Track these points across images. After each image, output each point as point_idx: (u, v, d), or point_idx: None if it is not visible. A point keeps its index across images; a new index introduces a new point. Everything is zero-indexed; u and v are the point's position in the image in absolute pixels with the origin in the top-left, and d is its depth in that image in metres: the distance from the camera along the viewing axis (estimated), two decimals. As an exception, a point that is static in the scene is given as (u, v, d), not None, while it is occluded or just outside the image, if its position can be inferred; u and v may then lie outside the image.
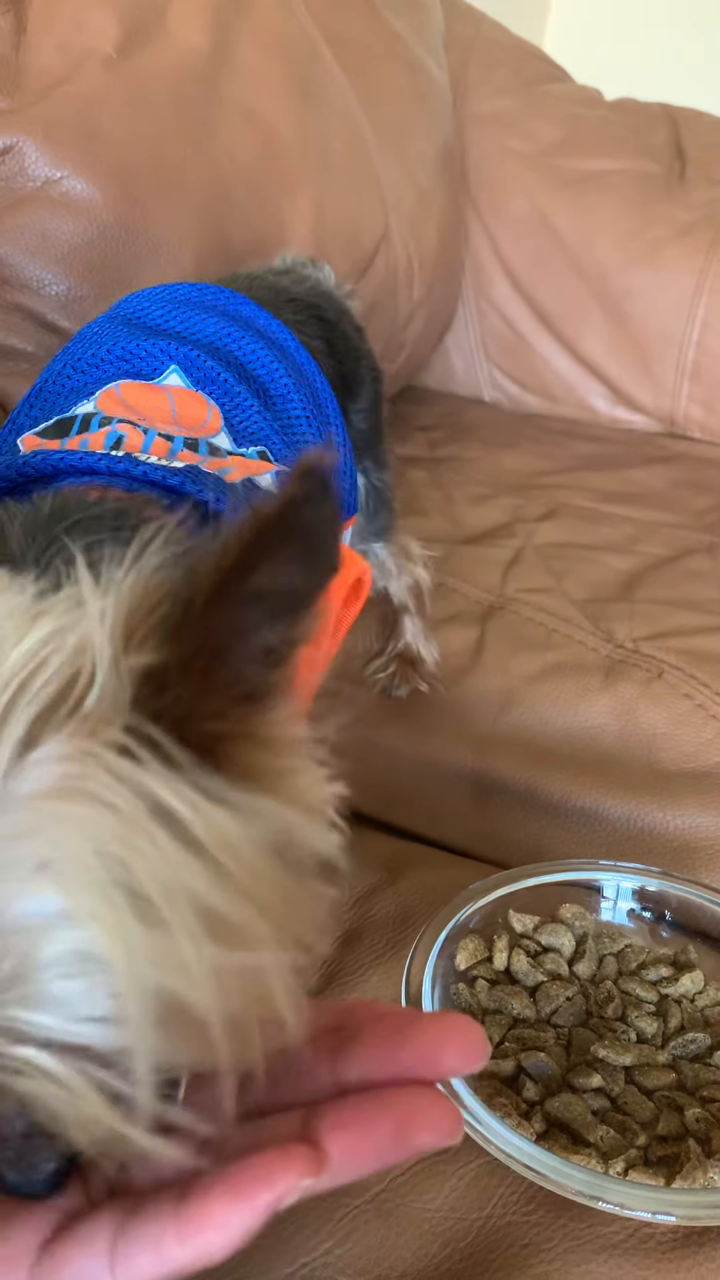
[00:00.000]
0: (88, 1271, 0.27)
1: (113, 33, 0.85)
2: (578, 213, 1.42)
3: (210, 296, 0.60)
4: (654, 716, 0.77)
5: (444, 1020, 0.29)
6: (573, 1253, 0.42)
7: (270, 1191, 0.25)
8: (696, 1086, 0.50)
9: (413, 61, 1.35)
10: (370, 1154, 0.27)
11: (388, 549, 0.82)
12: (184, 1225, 0.26)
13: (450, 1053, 0.28)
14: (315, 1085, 0.30)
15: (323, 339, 0.68)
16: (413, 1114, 0.27)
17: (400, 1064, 0.29)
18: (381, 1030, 0.30)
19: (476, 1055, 0.29)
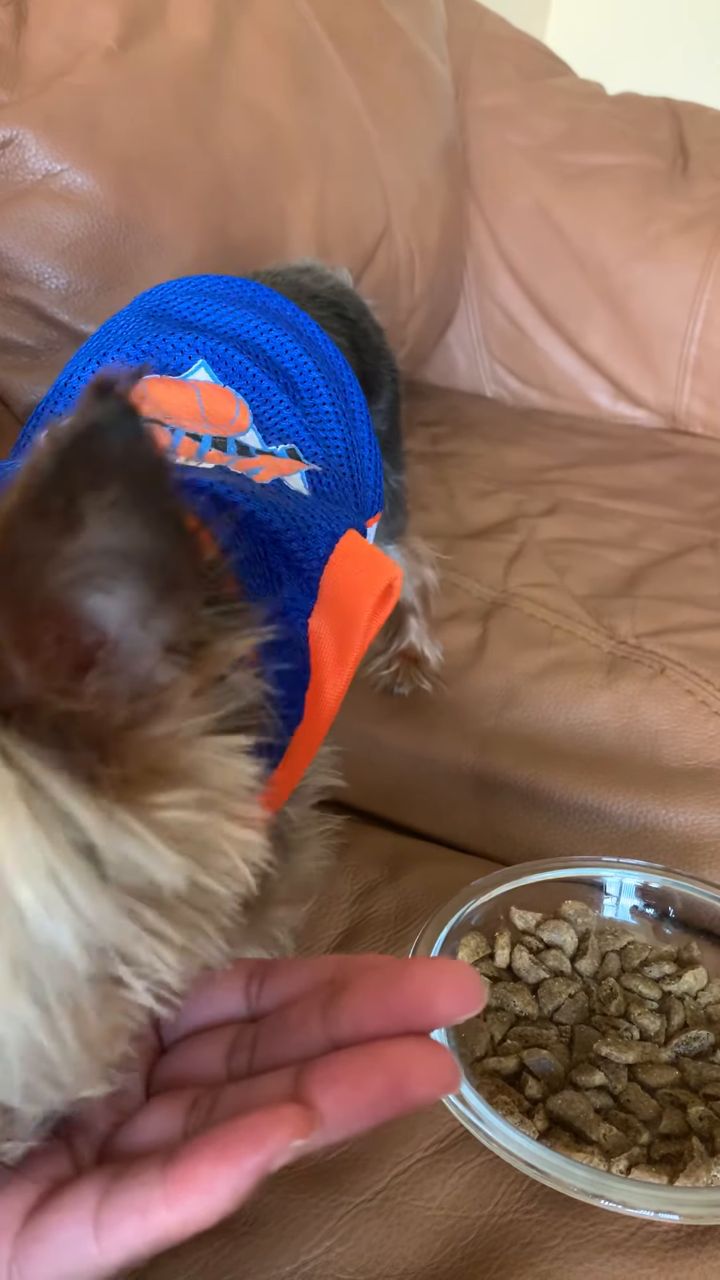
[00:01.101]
0: (71, 1238, 0.26)
1: (113, 25, 0.85)
2: (580, 207, 1.42)
3: (237, 289, 0.60)
4: (656, 713, 0.77)
5: (436, 965, 0.28)
6: (575, 1251, 0.42)
7: (259, 1153, 0.25)
8: (700, 1084, 0.49)
9: (415, 55, 1.35)
10: (364, 1109, 0.26)
11: (400, 551, 0.81)
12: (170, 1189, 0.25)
13: (444, 998, 0.27)
14: (307, 1040, 0.29)
15: (346, 336, 0.68)
16: (407, 1066, 0.26)
17: (393, 1013, 0.28)
18: (373, 980, 0.29)
19: (471, 998, 0.27)
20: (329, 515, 0.44)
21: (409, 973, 0.28)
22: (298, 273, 0.73)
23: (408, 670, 0.82)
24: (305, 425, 0.53)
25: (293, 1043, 0.30)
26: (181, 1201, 0.25)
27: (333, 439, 0.55)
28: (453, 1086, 0.26)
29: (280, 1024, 0.31)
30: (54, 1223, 0.26)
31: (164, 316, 0.57)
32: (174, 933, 0.25)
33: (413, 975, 0.28)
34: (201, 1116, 0.29)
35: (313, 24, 1.13)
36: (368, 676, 0.84)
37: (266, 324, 0.56)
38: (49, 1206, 0.27)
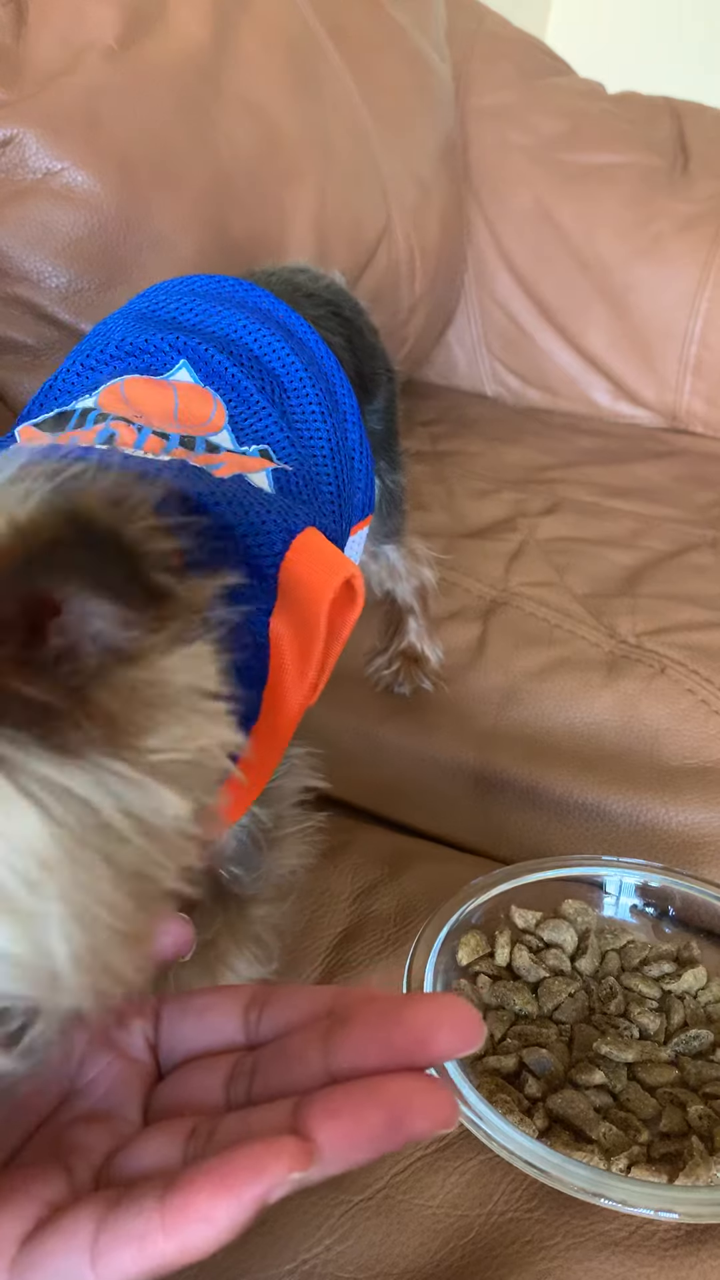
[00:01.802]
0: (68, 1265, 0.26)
1: (113, 24, 0.85)
2: (580, 206, 1.41)
3: (229, 289, 0.60)
4: (657, 712, 0.77)
5: (436, 1001, 0.28)
6: (575, 1250, 0.42)
7: (258, 1184, 0.25)
8: (699, 1083, 0.49)
9: (415, 54, 1.34)
10: (363, 1143, 0.26)
11: (399, 551, 0.81)
12: (169, 1218, 0.25)
13: (444, 1034, 0.28)
14: (306, 1072, 0.29)
15: (342, 335, 0.68)
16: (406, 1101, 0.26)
17: (393, 1048, 0.28)
18: (373, 1013, 0.29)
19: (470, 1036, 0.28)
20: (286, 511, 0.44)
21: (409, 1008, 0.28)
22: (292, 272, 0.73)
23: (408, 670, 0.82)
24: (284, 427, 0.53)
25: (292, 1074, 0.30)
26: (180, 1231, 0.25)
27: (317, 439, 0.55)
28: (450, 1123, 0.27)
29: (279, 1054, 0.31)
30: (50, 1249, 0.26)
31: (152, 317, 0.57)
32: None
33: (413, 1010, 0.28)
34: (200, 1145, 0.29)
35: (313, 23, 1.13)
36: (369, 676, 0.84)
37: (255, 324, 0.56)
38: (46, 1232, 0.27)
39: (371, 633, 0.86)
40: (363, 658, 0.86)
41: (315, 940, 0.58)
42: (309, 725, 0.52)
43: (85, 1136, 0.30)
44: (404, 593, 0.83)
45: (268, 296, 0.60)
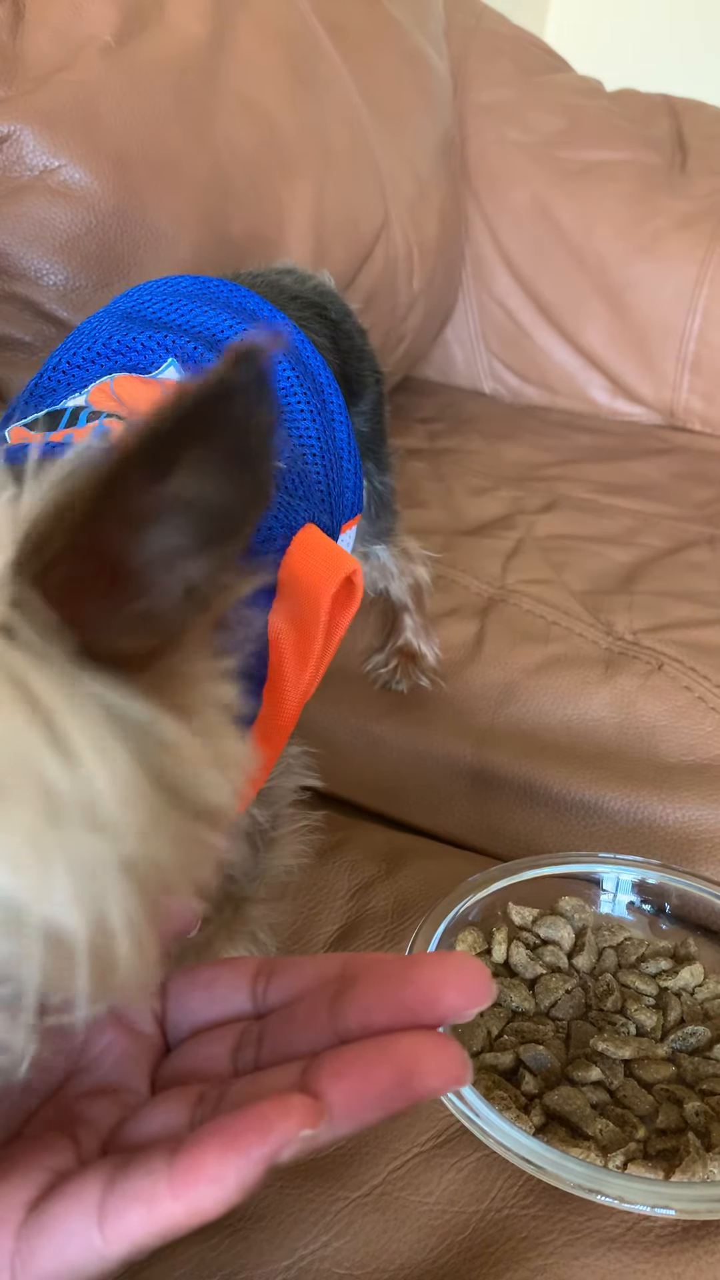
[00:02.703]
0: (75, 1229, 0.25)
1: (111, 21, 0.84)
2: (578, 204, 1.41)
3: (213, 289, 0.60)
4: (654, 709, 0.77)
5: (444, 960, 0.28)
6: (571, 1246, 0.42)
7: (267, 1143, 0.24)
8: (696, 1080, 0.50)
9: (413, 51, 1.34)
10: (373, 1101, 0.26)
11: (390, 551, 0.82)
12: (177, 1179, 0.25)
13: (451, 991, 0.27)
14: (314, 1035, 0.29)
15: (327, 337, 0.68)
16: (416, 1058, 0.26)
17: (401, 1007, 0.28)
18: (380, 974, 0.29)
19: (479, 992, 0.27)
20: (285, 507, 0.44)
21: (416, 967, 0.28)
22: (278, 274, 0.73)
23: (406, 667, 0.82)
24: None
25: (300, 1038, 0.29)
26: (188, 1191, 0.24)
27: (306, 438, 0.55)
28: (463, 1079, 0.26)
29: (287, 1019, 0.30)
30: (57, 1213, 0.26)
31: (137, 316, 0.57)
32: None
33: (420, 969, 0.28)
34: (209, 1110, 0.28)
35: (311, 20, 1.13)
36: (367, 673, 0.84)
37: (241, 324, 0.56)
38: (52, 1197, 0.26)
39: (368, 631, 0.87)
40: (360, 656, 0.86)
41: (312, 937, 0.58)
42: (305, 723, 0.52)
43: (92, 1109, 0.30)
44: (398, 591, 0.84)
45: (253, 297, 0.60)
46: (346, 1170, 0.45)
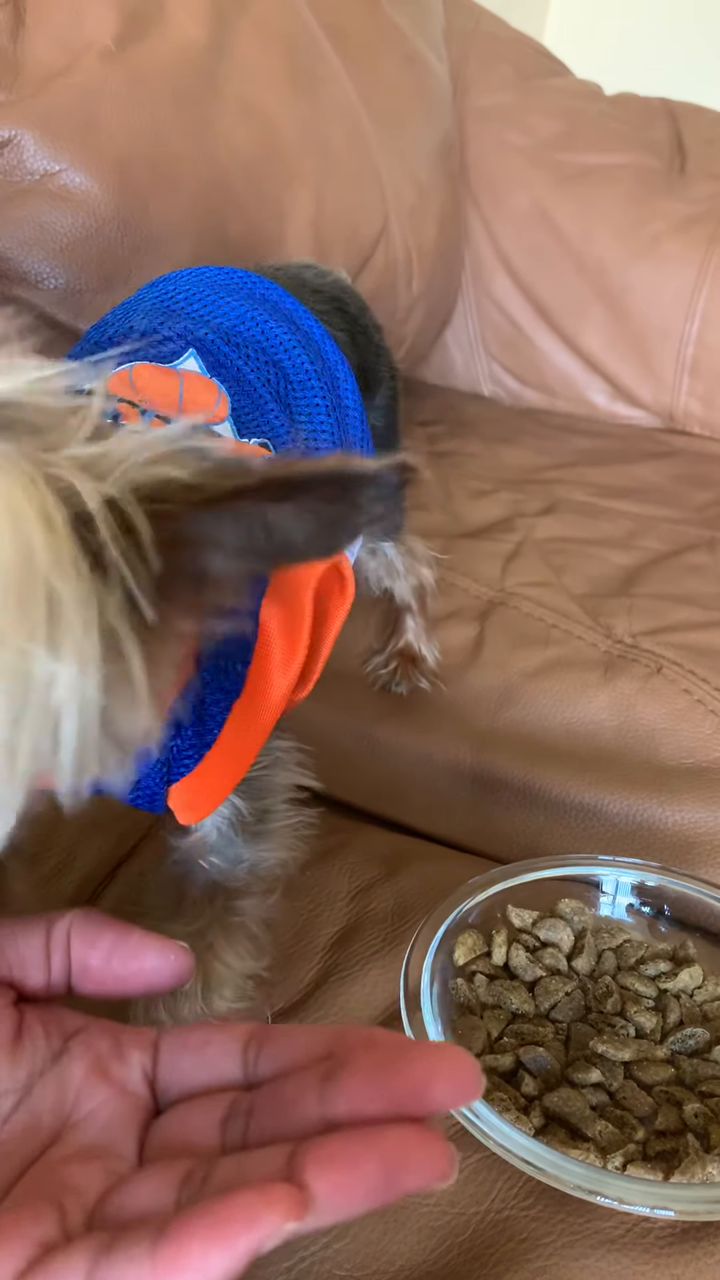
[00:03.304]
0: None
1: (112, 25, 0.85)
2: (578, 207, 1.42)
3: (238, 280, 0.60)
4: (653, 712, 0.77)
5: (435, 1051, 0.28)
6: (571, 1247, 0.42)
7: (251, 1234, 0.25)
8: (695, 1081, 0.50)
9: (412, 55, 1.35)
10: (358, 1195, 0.26)
11: (397, 549, 0.82)
12: (160, 1267, 0.25)
13: (441, 1085, 0.27)
14: (303, 1116, 0.29)
15: (346, 332, 0.68)
16: (403, 1153, 0.26)
17: (390, 1097, 0.28)
18: (372, 1060, 0.29)
19: (468, 1088, 0.27)
20: None
21: (407, 1057, 0.28)
22: (300, 268, 0.73)
23: (405, 669, 0.82)
24: (285, 420, 0.53)
25: (288, 1117, 0.29)
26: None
27: (321, 430, 0.55)
28: (447, 1178, 0.26)
29: (276, 1096, 0.30)
30: None
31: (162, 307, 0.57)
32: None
33: (411, 1060, 0.28)
34: (195, 1189, 0.28)
35: (311, 23, 1.13)
36: (366, 675, 0.84)
37: (263, 316, 0.57)
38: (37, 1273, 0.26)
39: (369, 632, 0.87)
40: (360, 657, 0.86)
41: (312, 939, 0.58)
42: (304, 725, 0.53)
43: (79, 1175, 0.30)
44: (402, 591, 0.84)
45: (276, 289, 0.60)
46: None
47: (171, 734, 0.42)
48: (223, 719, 0.43)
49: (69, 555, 0.28)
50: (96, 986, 0.36)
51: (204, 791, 0.45)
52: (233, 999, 0.50)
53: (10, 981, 0.36)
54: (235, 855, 0.49)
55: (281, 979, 0.55)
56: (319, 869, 0.63)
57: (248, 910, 0.50)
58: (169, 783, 0.44)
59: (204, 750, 0.43)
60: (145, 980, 0.36)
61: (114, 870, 0.64)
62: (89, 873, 0.63)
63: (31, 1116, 0.32)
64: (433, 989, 0.51)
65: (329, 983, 0.55)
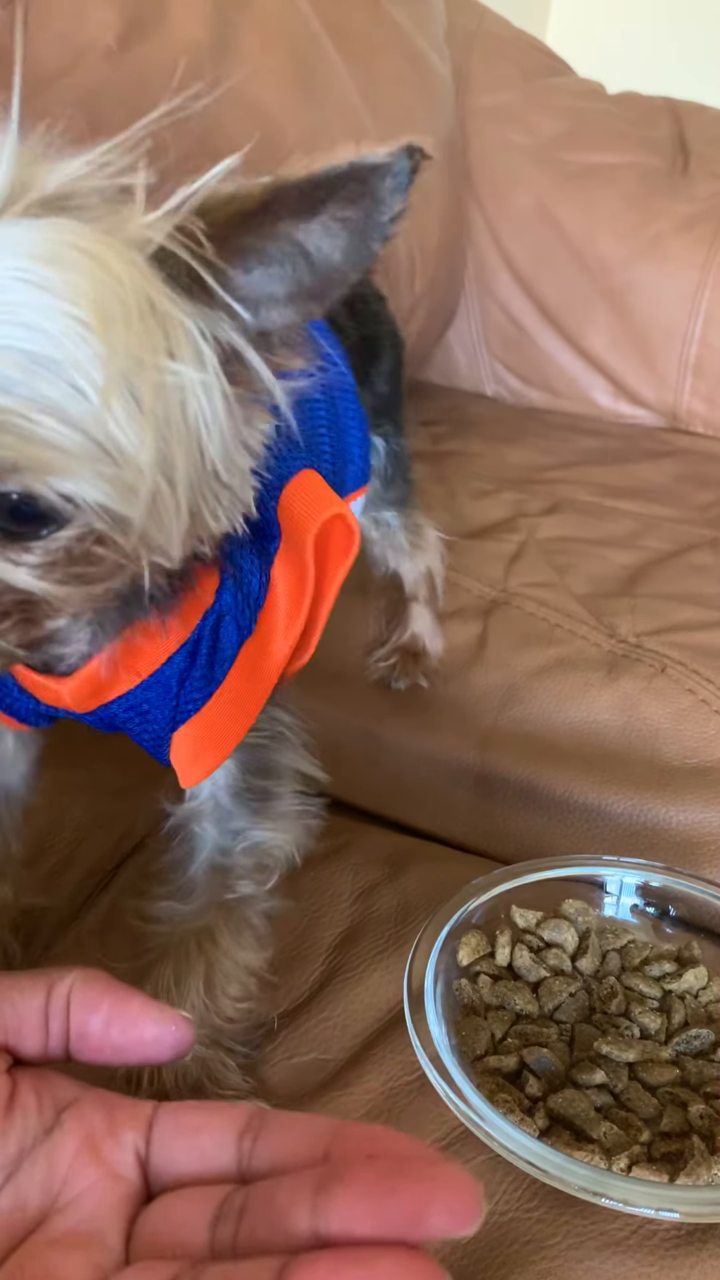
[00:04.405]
0: None
1: (113, 25, 0.85)
2: (580, 207, 1.41)
3: None
4: (657, 712, 0.77)
5: (436, 1173, 0.27)
6: (575, 1249, 0.42)
7: None
8: (700, 1083, 0.49)
9: (415, 54, 1.34)
10: None
11: (401, 520, 0.80)
12: None
13: (438, 1211, 0.26)
14: (294, 1228, 0.28)
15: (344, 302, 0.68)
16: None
17: (385, 1219, 0.26)
18: (369, 1176, 0.27)
19: (467, 1216, 0.26)
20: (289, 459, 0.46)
21: (406, 1174, 0.27)
22: None
23: (406, 665, 0.82)
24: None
25: (280, 1227, 0.28)
26: None
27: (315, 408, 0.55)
28: None
29: (269, 1201, 0.29)
30: None
31: None
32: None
33: (410, 1178, 0.27)
34: None
35: (313, 23, 1.13)
36: (364, 667, 0.83)
37: None
38: None
39: (374, 621, 0.85)
40: (362, 651, 0.85)
41: (315, 940, 0.58)
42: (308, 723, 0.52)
43: (63, 1266, 0.29)
44: (410, 575, 0.83)
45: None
46: (350, 1173, 0.45)
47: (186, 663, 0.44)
48: (233, 655, 0.44)
49: (157, 281, 0.32)
50: (94, 1054, 0.35)
51: (208, 738, 0.45)
52: (237, 995, 0.50)
53: (6, 1046, 0.35)
54: (233, 829, 0.49)
55: (285, 980, 0.55)
56: (322, 869, 0.63)
57: (245, 893, 0.50)
58: (175, 724, 0.45)
59: (213, 687, 0.44)
60: (144, 1052, 0.35)
61: (117, 867, 0.64)
62: (91, 869, 0.63)
63: (18, 1195, 0.31)
64: (436, 990, 0.50)
65: (333, 983, 0.55)
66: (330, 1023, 0.53)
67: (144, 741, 0.47)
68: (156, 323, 0.32)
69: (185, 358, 0.32)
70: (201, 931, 0.50)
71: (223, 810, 0.49)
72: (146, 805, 0.67)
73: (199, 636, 0.44)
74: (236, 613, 0.45)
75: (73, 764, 0.65)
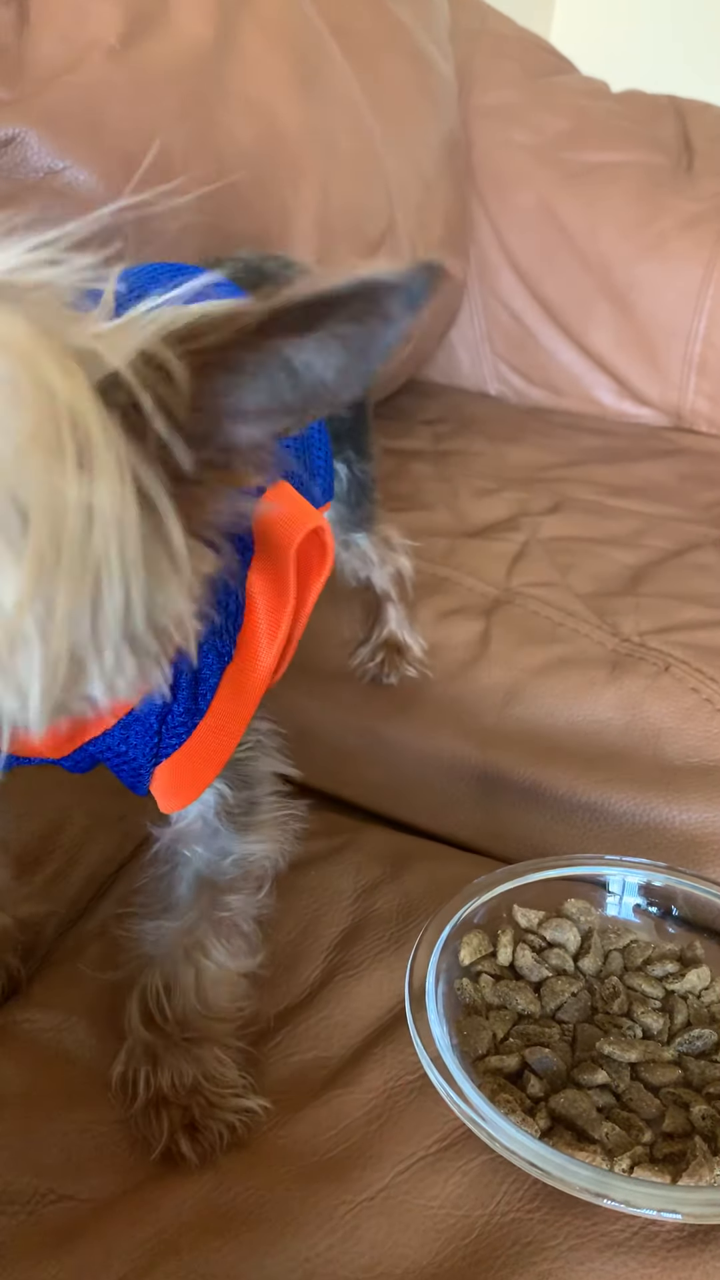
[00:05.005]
0: None
1: (116, 23, 0.84)
2: (584, 205, 1.41)
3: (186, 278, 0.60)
4: (660, 710, 0.77)
5: None
6: (577, 1250, 0.42)
7: None
8: (703, 1083, 0.49)
9: (418, 53, 1.34)
10: None
11: (370, 539, 0.81)
12: None
13: None
14: None
15: None
16: None
17: None
18: None
19: None
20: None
21: None
22: (261, 259, 0.73)
23: (392, 659, 0.82)
24: None
25: None
26: None
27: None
28: None
29: None
30: None
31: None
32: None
33: None
34: None
35: (316, 21, 1.13)
36: (354, 669, 0.84)
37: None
38: None
39: (353, 623, 0.86)
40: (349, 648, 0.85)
41: (316, 939, 0.58)
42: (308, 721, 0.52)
43: None
44: (380, 580, 0.83)
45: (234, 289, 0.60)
46: (351, 1174, 0.45)
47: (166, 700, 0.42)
48: (216, 684, 0.43)
49: (90, 403, 0.28)
50: None
51: (191, 772, 0.44)
52: (228, 999, 0.50)
53: None
54: (221, 847, 0.49)
55: (286, 978, 0.55)
56: (323, 868, 0.63)
57: (237, 907, 0.50)
58: (158, 759, 0.44)
59: (197, 719, 0.43)
60: None
61: (117, 871, 0.63)
62: (92, 873, 0.63)
63: None
64: (438, 989, 0.50)
65: (334, 982, 0.55)
66: (331, 1021, 0.53)
67: (122, 775, 0.46)
68: (72, 447, 0.28)
69: (99, 490, 0.28)
70: (191, 940, 0.49)
71: (210, 828, 0.48)
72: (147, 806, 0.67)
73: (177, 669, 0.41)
74: (215, 639, 0.43)
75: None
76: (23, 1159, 0.46)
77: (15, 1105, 0.48)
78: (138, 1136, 0.47)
